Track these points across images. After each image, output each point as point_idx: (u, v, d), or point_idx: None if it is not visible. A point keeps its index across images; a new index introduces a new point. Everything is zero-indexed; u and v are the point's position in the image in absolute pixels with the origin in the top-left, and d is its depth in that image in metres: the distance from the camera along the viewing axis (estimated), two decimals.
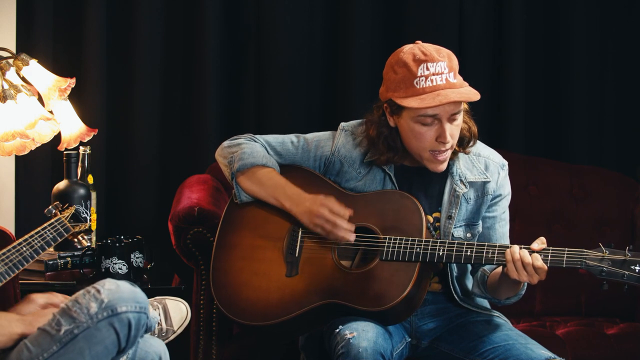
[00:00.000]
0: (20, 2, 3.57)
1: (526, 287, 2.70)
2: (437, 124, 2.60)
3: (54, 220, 2.53)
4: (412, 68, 2.58)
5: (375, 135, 2.69)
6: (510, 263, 2.52)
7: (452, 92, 2.57)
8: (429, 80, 2.57)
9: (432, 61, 2.58)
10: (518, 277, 2.52)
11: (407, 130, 2.64)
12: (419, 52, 2.60)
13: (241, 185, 2.78)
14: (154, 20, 3.70)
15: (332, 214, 2.63)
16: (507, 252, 2.53)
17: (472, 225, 2.75)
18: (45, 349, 2.15)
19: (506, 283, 2.61)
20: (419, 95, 2.57)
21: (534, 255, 2.50)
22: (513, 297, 2.70)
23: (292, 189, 2.71)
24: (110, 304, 2.16)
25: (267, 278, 2.70)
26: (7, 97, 2.98)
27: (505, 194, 2.78)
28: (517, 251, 2.52)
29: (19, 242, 2.39)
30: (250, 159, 2.76)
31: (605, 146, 3.91)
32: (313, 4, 3.78)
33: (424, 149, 2.63)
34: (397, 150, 2.69)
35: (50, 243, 2.47)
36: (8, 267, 2.34)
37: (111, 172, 3.72)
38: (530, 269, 2.50)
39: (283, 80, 3.76)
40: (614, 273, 2.47)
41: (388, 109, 2.66)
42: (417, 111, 2.58)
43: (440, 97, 2.55)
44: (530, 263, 2.50)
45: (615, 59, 3.89)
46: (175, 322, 2.60)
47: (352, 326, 2.54)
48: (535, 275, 2.51)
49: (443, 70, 2.58)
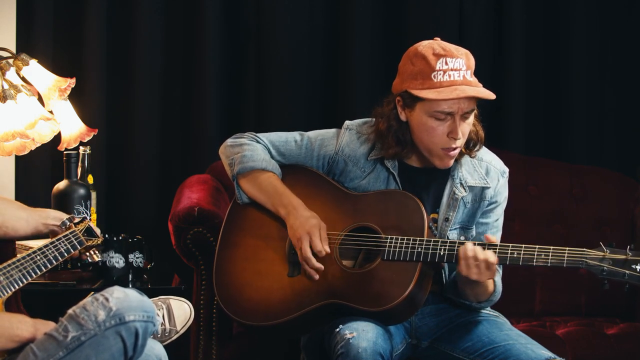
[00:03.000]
0: (20, 2, 3.57)
1: (500, 292, 2.70)
2: (449, 119, 2.60)
3: (69, 233, 2.54)
4: (431, 61, 2.58)
5: (385, 129, 2.69)
6: (462, 260, 2.52)
7: (469, 88, 2.58)
8: (446, 75, 2.58)
9: (451, 57, 2.58)
10: (468, 274, 2.52)
11: (419, 124, 2.63)
12: (438, 47, 2.60)
13: (242, 187, 2.79)
14: (154, 20, 3.70)
15: (309, 247, 2.63)
16: (460, 248, 2.53)
17: (467, 228, 2.75)
18: (51, 355, 2.15)
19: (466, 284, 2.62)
20: (436, 88, 2.57)
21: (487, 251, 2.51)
22: (485, 302, 2.70)
23: (289, 198, 2.72)
24: (118, 313, 2.17)
25: (269, 278, 2.70)
26: (7, 97, 2.98)
27: (501, 201, 2.78)
28: (471, 248, 2.52)
29: (34, 250, 2.41)
30: (250, 162, 2.77)
31: (605, 146, 3.91)
32: (313, 4, 3.78)
33: (434, 144, 2.63)
34: (405, 144, 2.69)
35: (63, 254, 2.49)
36: (22, 274, 2.35)
37: (111, 172, 3.72)
38: (482, 265, 2.50)
39: (283, 80, 3.76)
40: (615, 272, 2.47)
41: (401, 101, 2.65)
42: (433, 104, 2.58)
43: (457, 91, 2.56)
44: (483, 259, 2.50)
45: (615, 59, 3.89)
46: (179, 322, 2.60)
47: (352, 326, 2.54)
48: (487, 271, 2.51)
49: (461, 67, 2.59)
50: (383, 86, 2.84)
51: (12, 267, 2.35)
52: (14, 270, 2.34)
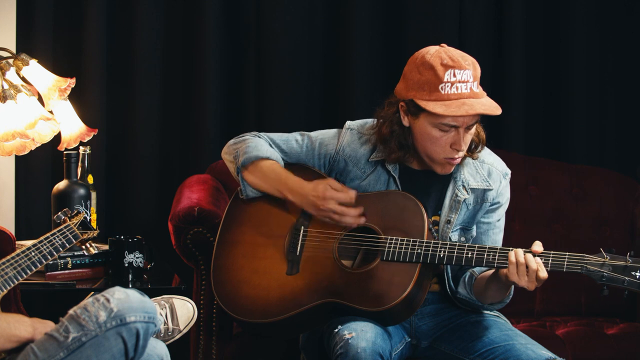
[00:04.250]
0: (20, 2, 3.57)
1: (511, 296, 2.69)
2: (453, 131, 2.58)
3: (63, 227, 2.54)
4: (439, 72, 2.55)
5: (387, 133, 2.68)
6: (513, 265, 2.51)
7: (477, 102, 2.55)
8: (454, 87, 2.55)
9: (460, 68, 2.55)
10: (518, 280, 2.51)
11: (422, 133, 2.62)
12: (446, 57, 2.56)
13: (246, 180, 2.78)
14: (154, 20, 3.70)
15: (336, 206, 2.63)
16: (511, 253, 2.52)
17: (467, 229, 2.74)
18: (51, 355, 2.16)
19: (495, 287, 2.61)
20: (444, 102, 2.55)
21: (538, 263, 2.50)
22: (497, 303, 2.69)
23: (294, 180, 2.71)
24: (119, 314, 2.17)
25: (267, 276, 2.70)
26: (7, 97, 2.98)
27: (503, 202, 2.77)
28: (522, 254, 2.51)
29: (28, 247, 2.41)
30: (255, 152, 2.76)
31: (605, 146, 3.91)
32: (313, 4, 3.78)
33: (437, 153, 2.62)
34: (407, 149, 2.68)
35: (58, 249, 2.49)
36: (17, 271, 2.35)
37: (111, 172, 3.72)
38: (533, 275, 2.50)
39: (283, 80, 3.76)
40: (615, 279, 2.46)
41: (404, 107, 2.63)
42: (440, 118, 2.56)
43: (466, 107, 2.53)
44: (535, 270, 2.49)
45: (615, 59, 3.89)
46: (182, 322, 2.60)
47: (351, 326, 2.54)
48: (535, 282, 2.51)
49: (468, 79, 2.56)
50: (383, 86, 2.84)
51: (6, 265, 2.34)
52: (9, 268, 2.34)
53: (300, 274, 2.69)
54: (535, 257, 2.51)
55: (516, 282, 2.52)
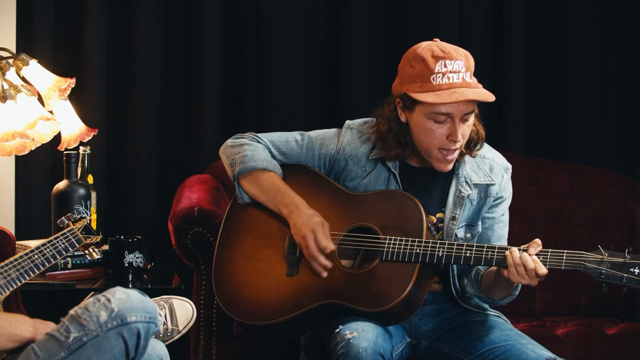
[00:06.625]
0: (20, 2, 3.57)
1: (520, 289, 2.70)
2: (449, 122, 2.60)
3: (67, 231, 2.55)
4: (430, 64, 2.58)
5: (385, 130, 2.69)
6: (512, 267, 2.52)
7: (468, 90, 2.58)
8: (445, 77, 2.57)
9: (450, 59, 2.58)
10: (519, 280, 2.52)
11: (418, 127, 2.63)
12: (437, 49, 2.59)
13: (243, 187, 2.79)
14: (154, 20, 3.70)
15: (315, 244, 2.63)
16: (508, 256, 2.53)
17: (472, 225, 2.75)
18: (52, 355, 2.16)
19: (501, 283, 2.62)
20: (435, 92, 2.57)
21: (535, 260, 2.50)
22: (507, 297, 2.70)
23: (291, 197, 2.72)
24: (120, 314, 2.17)
25: (267, 277, 2.70)
26: (7, 97, 2.98)
27: (507, 197, 2.78)
28: (518, 255, 2.52)
29: (31, 249, 2.41)
30: (251, 162, 2.76)
31: (605, 146, 3.91)
32: (313, 4, 3.78)
33: (433, 145, 2.63)
34: (406, 146, 2.69)
35: (61, 252, 2.49)
36: (19, 273, 2.36)
37: (111, 172, 3.72)
38: (532, 273, 2.50)
39: (283, 80, 3.76)
40: (613, 276, 2.46)
41: (400, 103, 2.65)
42: (432, 107, 2.58)
43: (456, 95, 2.55)
44: (532, 269, 2.49)
45: (615, 59, 3.89)
46: (181, 322, 2.60)
47: (352, 326, 2.54)
48: (536, 279, 2.51)
49: (460, 69, 2.58)
50: (383, 86, 2.84)
51: (9, 266, 2.35)
52: (12, 270, 2.34)
53: (300, 276, 2.69)
54: (532, 255, 2.51)
55: (518, 282, 2.53)
